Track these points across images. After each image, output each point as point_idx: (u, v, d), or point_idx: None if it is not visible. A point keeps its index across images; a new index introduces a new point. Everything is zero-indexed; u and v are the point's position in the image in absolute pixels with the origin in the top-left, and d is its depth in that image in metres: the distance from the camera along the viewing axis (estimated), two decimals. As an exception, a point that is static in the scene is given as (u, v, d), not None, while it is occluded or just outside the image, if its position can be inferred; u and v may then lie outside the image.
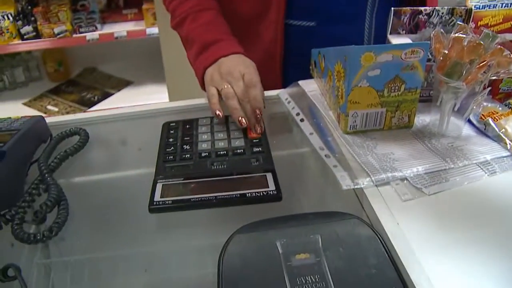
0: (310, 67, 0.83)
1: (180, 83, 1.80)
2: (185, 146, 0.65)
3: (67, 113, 2.24)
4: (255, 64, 0.75)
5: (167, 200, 0.54)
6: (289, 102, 0.77)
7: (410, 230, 0.50)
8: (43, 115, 2.18)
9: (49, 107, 2.29)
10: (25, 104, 2.31)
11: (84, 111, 2.24)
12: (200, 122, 0.71)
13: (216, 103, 0.70)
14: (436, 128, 0.67)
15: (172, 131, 0.69)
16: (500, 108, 0.70)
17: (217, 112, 0.69)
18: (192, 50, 0.81)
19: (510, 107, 0.70)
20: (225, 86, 0.69)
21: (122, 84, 2.44)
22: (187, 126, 0.70)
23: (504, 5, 0.76)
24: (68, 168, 0.67)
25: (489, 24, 0.76)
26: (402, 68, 0.61)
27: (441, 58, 0.61)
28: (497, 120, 0.68)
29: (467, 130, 0.68)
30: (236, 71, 0.71)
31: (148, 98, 2.26)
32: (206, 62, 0.75)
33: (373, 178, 0.57)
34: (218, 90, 0.71)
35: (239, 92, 0.69)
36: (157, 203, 0.54)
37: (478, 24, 0.78)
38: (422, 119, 0.70)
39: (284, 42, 0.86)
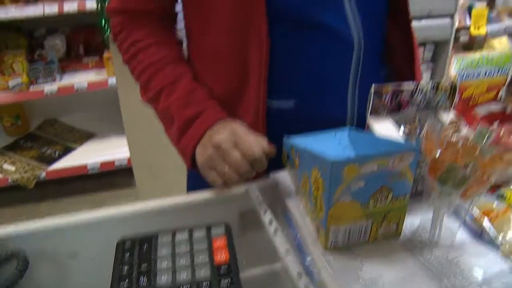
0: (282, 157, 0.75)
1: (141, 136, 1.70)
2: (141, 278, 0.55)
3: (25, 172, 2.09)
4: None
5: None
6: (260, 204, 0.68)
7: None
8: (-1, 175, 2.06)
9: (6, 166, 2.14)
10: (-22, 163, 2.16)
11: (44, 170, 2.10)
12: (160, 240, 0.61)
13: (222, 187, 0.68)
14: (427, 235, 0.60)
15: (127, 254, 0.59)
16: (496, 203, 0.63)
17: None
18: (172, 129, 0.74)
19: (505, 201, 0.64)
20: (225, 170, 0.67)
21: (84, 137, 2.31)
22: (145, 246, 0.60)
23: (487, 73, 0.71)
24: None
25: (473, 95, 0.71)
26: (389, 178, 0.54)
27: (433, 161, 0.54)
28: (493, 220, 0.61)
29: (461, 232, 0.60)
30: (227, 142, 0.67)
31: (111, 153, 2.15)
32: (193, 140, 0.70)
33: (363, 318, 0.49)
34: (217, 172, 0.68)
35: (234, 165, 0.67)
36: None
37: (463, 96, 0.73)
38: (410, 223, 0.62)
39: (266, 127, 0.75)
